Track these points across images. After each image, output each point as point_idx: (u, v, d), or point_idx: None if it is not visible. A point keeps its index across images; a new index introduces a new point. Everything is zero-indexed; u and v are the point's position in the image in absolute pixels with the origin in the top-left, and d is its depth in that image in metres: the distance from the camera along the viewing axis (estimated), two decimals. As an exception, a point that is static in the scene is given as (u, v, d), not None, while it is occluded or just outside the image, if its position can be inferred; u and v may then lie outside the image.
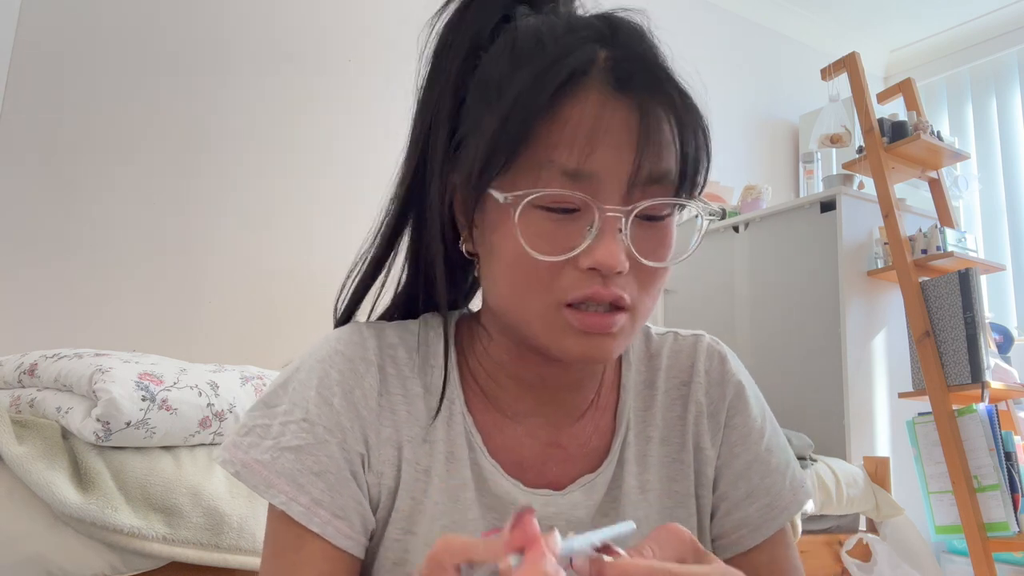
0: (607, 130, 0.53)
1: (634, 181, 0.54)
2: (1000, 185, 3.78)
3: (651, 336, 0.71)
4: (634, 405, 0.67)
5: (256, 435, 0.60)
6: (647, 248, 0.56)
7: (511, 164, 0.54)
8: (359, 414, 0.60)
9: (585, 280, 0.54)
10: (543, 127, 0.53)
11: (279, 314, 2.41)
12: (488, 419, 0.64)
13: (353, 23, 2.74)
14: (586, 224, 0.54)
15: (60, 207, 2.16)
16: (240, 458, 0.59)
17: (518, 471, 0.63)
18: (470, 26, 0.61)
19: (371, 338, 0.63)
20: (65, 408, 1.17)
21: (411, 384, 0.63)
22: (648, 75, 0.55)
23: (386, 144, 2.71)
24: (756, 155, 3.79)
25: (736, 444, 0.68)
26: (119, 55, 2.30)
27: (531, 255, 0.54)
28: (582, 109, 0.53)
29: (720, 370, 0.70)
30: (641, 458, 0.66)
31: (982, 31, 3.93)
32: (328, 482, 0.58)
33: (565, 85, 0.53)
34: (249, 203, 2.46)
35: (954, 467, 2.10)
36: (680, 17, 3.56)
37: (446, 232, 0.62)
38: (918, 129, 2.43)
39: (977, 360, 2.14)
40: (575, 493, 0.63)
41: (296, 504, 0.57)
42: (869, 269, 2.51)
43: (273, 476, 0.58)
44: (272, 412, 0.60)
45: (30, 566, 1.02)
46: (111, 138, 2.26)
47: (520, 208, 0.54)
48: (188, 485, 1.14)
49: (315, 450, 0.58)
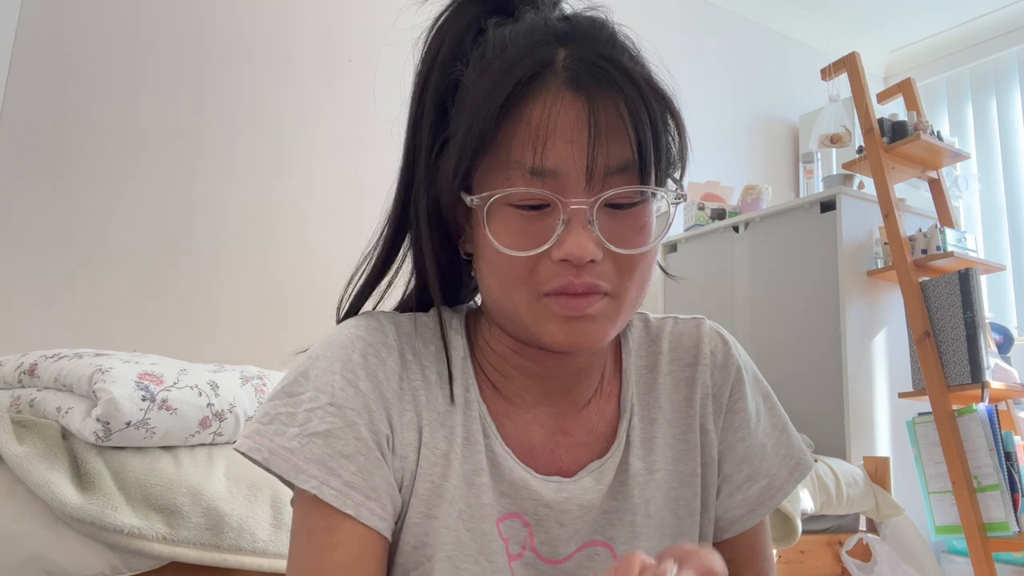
0: (562, 126, 0.56)
1: (592, 173, 0.56)
2: (1000, 185, 3.78)
3: (650, 321, 0.73)
4: (636, 389, 0.69)
5: (280, 423, 0.60)
6: (618, 236, 0.58)
7: (479, 166, 0.58)
8: (383, 396, 0.61)
9: (559, 271, 0.57)
10: (507, 128, 0.56)
11: (279, 314, 2.41)
12: (499, 408, 0.66)
13: (355, 23, 2.74)
14: (556, 219, 0.56)
15: (60, 206, 2.16)
16: (267, 445, 0.59)
17: (529, 458, 0.64)
18: (447, 40, 0.64)
19: (389, 324, 0.65)
20: (65, 408, 1.17)
21: (428, 371, 0.65)
22: (599, 70, 0.56)
23: (388, 144, 2.71)
24: (756, 155, 3.79)
25: (739, 428, 0.70)
26: (120, 55, 2.30)
27: (504, 252, 0.57)
28: (540, 108, 0.56)
29: (724, 352, 0.72)
30: (647, 440, 0.68)
31: (982, 31, 3.93)
32: (359, 464, 0.58)
33: (523, 85, 0.56)
34: (250, 203, 2.46)
35: (954, 467, 2.10)
36: (680, 17, 3.57)
37: (439, 234, 0.64)
38: (918, 129, 2.43)
39: (977, 360, 2.14)
40: (585, 479, 0.65)
41: (327, 488, 0.57)
42: (869, 269, 2.51)
43: (302, 462, 0.58)
44: (295, 400, 0.60)
45: (30, 566, 1.02)
46: (111, 137, 2.26)
47: (490, 208, 0.57)
48: (188, 485, 1.14)
49: (344, 433, 0.59)
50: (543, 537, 0.63)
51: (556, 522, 0.63)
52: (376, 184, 2.89)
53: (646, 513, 0.65)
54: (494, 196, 0.57)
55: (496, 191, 0.57)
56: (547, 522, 0.63)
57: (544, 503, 0.63)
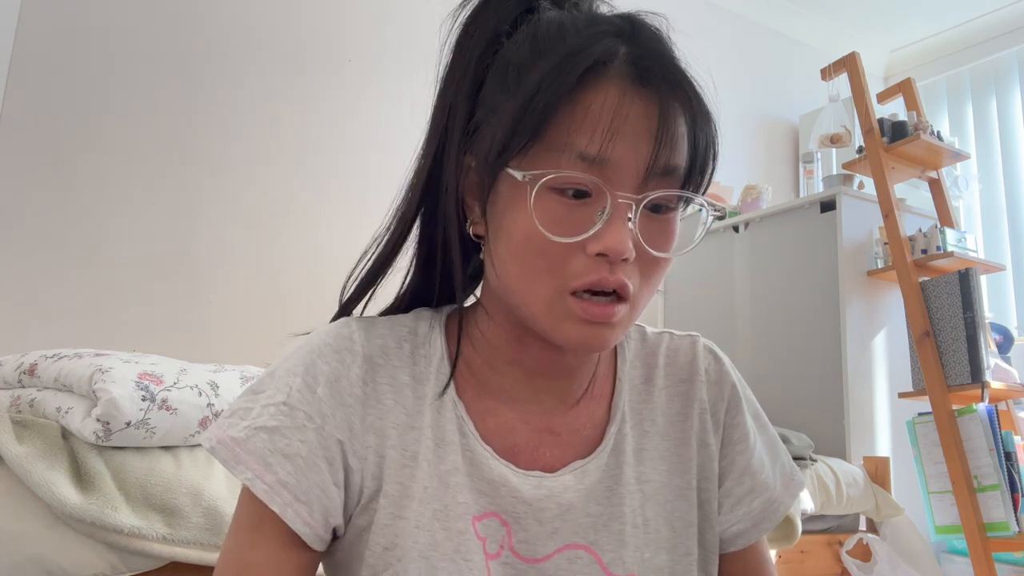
0: (626, 119, 0.55)
1: (650, 171, 0.56)
2: (1000, 185, 3.78)
3: (647, 335, 0.74)
4: (630, 399, 0.69)
5: (237, 417, 0.62)
6: (652, 239, 0.58)
7: (531, 145, 0.57)
8: (343, 402, 0.62)
9: (592, 266, 0.56)
10: (565, 112, 0.56)
11: (279, 314, 2.41)
12: (480, 405, 0.65)
13: (356, 23, 2.74)
14: (597, 210, 0.56)
15: (60, 206, 2.16)
16: (216, 435, 0.61)
17: (510, 455, 0.64)
18: (493, 15, 0.63)
19: (359, 331, 0.65)
20: (65, 408, 1.17)
21: (399, 373, 0.65)
22: (667, 72, 0.57)
23: (390, 144, 2.71)
24: (756, 155, 3.79)
25: (738, 442, 0.71)
26: (121, 55, 2.30)
27: (544, 235, 0.56)
28: (603, 98, 0.55)
29: (717, 370, 0.72)
30: (638, 451, 0.68)
31: (982, 31, 3.93)
32: (297, 465, 0.59)
33: (587, 73, 0.55)
34: (250, 203, 2.46)
35: (954, 467, 2.10)
36: (681, 17, 3.54)
37: (460, 213, 0.63)
38: (918, 129, 2.43)
39: (977, 360, 2.14)
40: (566, 476, 0.64)
41: (260, 482, 0.58)
42: (869, 269, 2.51)
43: (243, 453, 0.59)
44: (256, 397, 0.62)
45: (30, 566, 1.02)
46: (111, 138, 2.26)
47: (536, 189, 0.56)
48: (188, 485, 1.14)
49: (290, 433, 0.60)
50: (521, 536, 0.62)
51: (535, 519, 0.63)
52: (379, 185, 2.90)
53: (635, 523, 0.65)
54: (547, 175, 0.55)
55: (550, 171, 0.55)
56: (525, 520, 0.62)
57: (523, 500, 0.62)
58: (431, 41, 0.66)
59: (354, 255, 0.68)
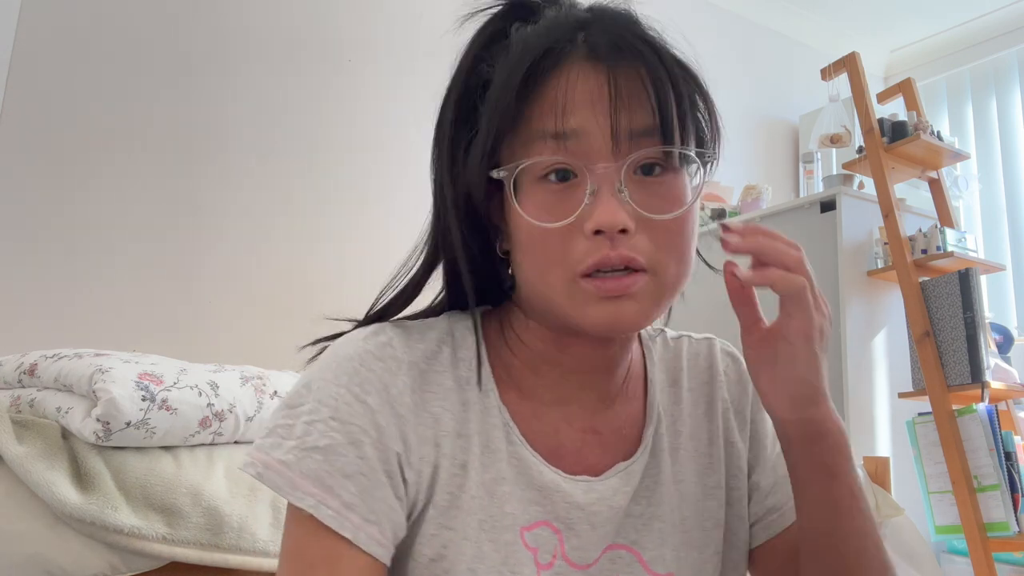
0: (581, 91, 0.56)
1: (617, 136, 0.56)
2: (1000, 185, 3.78)
3: (668, 338, 0.75)
4: (662, 400, 0.70)
5: (277, 436, 0.57)
6: (650, 204, 0.57)
7: (504, 144, 0.59)
8: (396, 412, 0.59)
9: (593, 246, 0.56)
10: (530, 104, 0.57)
11: (280, 314, 2.41)
12: (523, 408, 0.64)
13: (355, 23, 2.74)
14: (584, 189, 0.56)
15: (60, 206, 2.16)
16: (261, 459, 0.57)
17: (556, 459, 0.63)
18: (473, 47, 0.64)
19: (397, 336, 0.62)
20: (65, 408, 1.17)
21: (443, 379, 0.62)
22: (620, 40, 0.57)
23: (391, 144, 2.72)
24: (756, 155, 3.79)
25: (764, 436, 0.73)
26: (120, 54, 2.30)
27: (537, 226, 0.57)
28: (561, 81, 0.57)
29: (736, 370, 0.74)
30: (673, 451, 0.69)
31: (982, 31, 3.93)
32: (360, 484, 0.56)
33: (542, 61, 0.57)
34: (250, 203, 2.46)
35: (954, 467, 2.10)
36: (680, 17, 3.53)
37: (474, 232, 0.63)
38: (918, 129, 2.43)
39: (977, 360, 2.14)
40: (613, 479, 0.64)
41: (325, 507, 0.54)
42: (869, 269, 2.51)
43: (298, 477, 0.55)
44: (294, 412, 0.58)
45: (30, 566, 1.02)
46: (111, 137, 2.26)
47: (519, 185, 0.58)
48: (188, 485, 1.14)
49: (346, 450, 0.56)
50: (575, 542, 0.61)
51: (588, 524, 0.62)
52: (378, 185, 2.90)
53: (673, 522, 0.66)
54: (520, 165, 0.57)
55: (522, 160, 0.57)
56: (579, 525, 0.62)
57: (577, 505, 0.62)
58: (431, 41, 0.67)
59: (354, 255, 0.68)
